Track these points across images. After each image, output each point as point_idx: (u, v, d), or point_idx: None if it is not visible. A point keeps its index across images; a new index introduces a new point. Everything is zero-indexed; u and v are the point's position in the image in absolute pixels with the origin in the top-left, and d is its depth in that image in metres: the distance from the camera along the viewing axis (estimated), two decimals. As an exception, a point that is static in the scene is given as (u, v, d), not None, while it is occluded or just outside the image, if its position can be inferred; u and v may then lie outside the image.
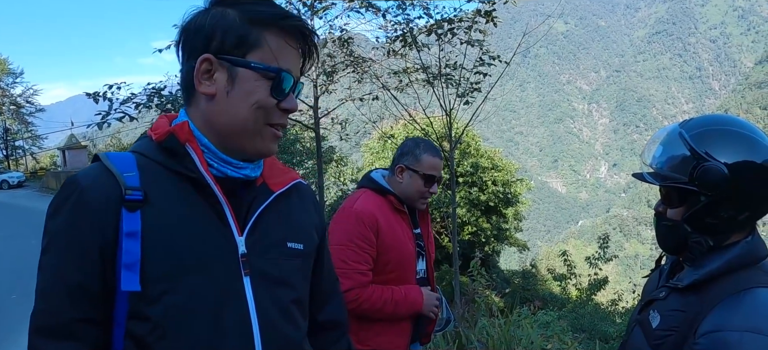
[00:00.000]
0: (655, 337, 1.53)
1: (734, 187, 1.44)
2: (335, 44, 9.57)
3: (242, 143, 1.32)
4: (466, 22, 8.56)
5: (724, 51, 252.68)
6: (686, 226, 1.54)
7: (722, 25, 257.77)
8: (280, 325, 1.34)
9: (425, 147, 2.76)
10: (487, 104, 9.64)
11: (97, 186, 1.23)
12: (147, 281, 1.19)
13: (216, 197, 1.29)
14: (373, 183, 2.78)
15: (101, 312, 1.22)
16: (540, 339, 5.86)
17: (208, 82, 1.29)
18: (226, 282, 1.27)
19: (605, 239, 15.05)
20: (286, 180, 1.47)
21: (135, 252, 1.19)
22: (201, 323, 1.23)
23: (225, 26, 1.28)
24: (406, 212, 2.77)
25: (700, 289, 1.49)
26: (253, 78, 1.28)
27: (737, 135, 1.48)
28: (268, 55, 1.29)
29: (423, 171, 2.71)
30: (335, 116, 10.95)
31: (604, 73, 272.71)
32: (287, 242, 1.41)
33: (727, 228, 1.51)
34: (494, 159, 23.82)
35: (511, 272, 27.75)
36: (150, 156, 1.30)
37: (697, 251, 1.54)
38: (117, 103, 8.08)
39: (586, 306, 13.17)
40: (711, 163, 1.45)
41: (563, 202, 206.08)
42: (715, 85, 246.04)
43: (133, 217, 1.21)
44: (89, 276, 1.21)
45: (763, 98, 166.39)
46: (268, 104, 1.30)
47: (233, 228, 1.31)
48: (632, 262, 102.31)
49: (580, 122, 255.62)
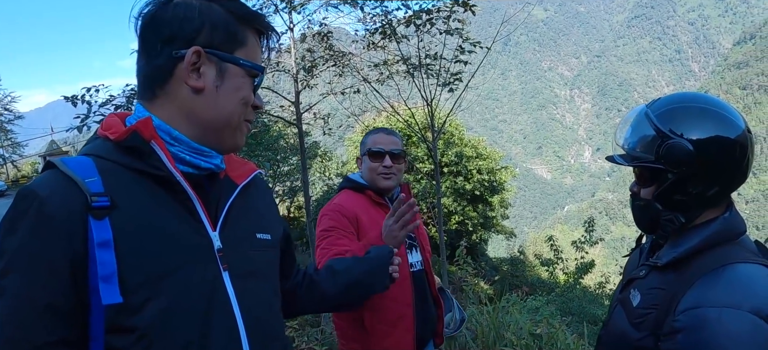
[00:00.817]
0: (635, 316, 1.54)
1: (700, 162, 1.45)
2: (314, 39, 9.52)
3: (223, 137, 1.32)
4: (445, 12, 8.55)
5: (703, 33, 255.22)
6: (657, 204, 1.55)
7: (700, 7, 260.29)
8: (262, 316, 1.34)
9: (371, 132, 2.83)
10: (469, 92, 9.64)
11: (58, 195, 1.13)
12: (127, 290, 1.12)
13: (186, 194, 1.25)
14: (350, 182, 2.82)
15: (75, 331, 1.13)
16: (529, 324, 5.89)
17: (196, 76, 1.25)
18: (207, 279, 1.24)
19: (590, 223, 15.16)
20: (247, 172, 1.46)
21: (110, 262, 1.11)
22: (189, 324, 1.19)
23: (214, 20, 1.27)
24: (385, 203, 2.76)
25: (679, 266, 1.49)
26: (240, 75, 1.30)
27: (702, 111, 1.48)
28: (251, 53, 1.32)
29: (372, 148, 2.74)
30: (317, 111, 10.90)
31: (585, 59, 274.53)
32: (256, 233, 1.40)
33: (698, 204, 1.52)
34: (478, 148, 23.86)
35: (500, 259, 27.89)
36: (110, 158, 1.22)
37: (668, 228, 1.56)
38: (96, 106, 7.99)
39: (573, 289, 13.25)
40: (675, 140, 1.46)
41: (549, 188, 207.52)
42: (695, 67, 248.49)
43: (102, 225, 1.12)
44: (59, 295, 1.11)
45: (742, 78, 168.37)
46: (250, 101, 1.33)
47: (206, 224, 1.28)
48: (619, 245, 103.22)
49: (562, 108, 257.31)
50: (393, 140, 2.79)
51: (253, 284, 1.33)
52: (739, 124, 1.47)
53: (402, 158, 2.79)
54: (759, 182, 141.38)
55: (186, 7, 1.26)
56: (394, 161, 2.75)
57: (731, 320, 1.31)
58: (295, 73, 9.37)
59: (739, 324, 1.31)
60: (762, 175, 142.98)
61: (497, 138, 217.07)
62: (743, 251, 1.47)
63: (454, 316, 2.86)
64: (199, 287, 1.21)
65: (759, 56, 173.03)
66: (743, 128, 1.47)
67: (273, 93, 10.74)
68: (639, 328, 1.51)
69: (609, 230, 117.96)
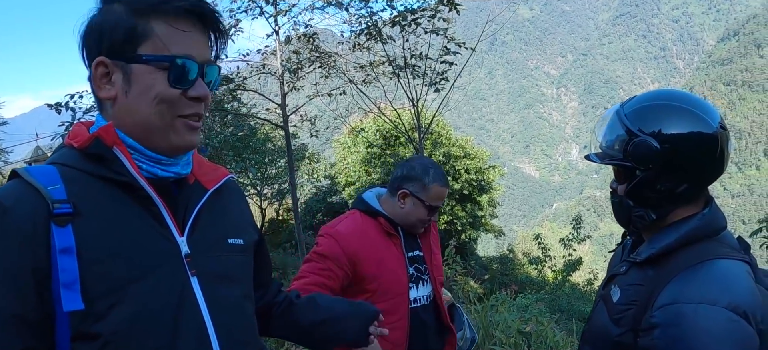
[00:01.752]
0: (615, 311, 1.54)
1: (666, 160, 1.47)
2: (300, 41, 9.51)
3: (156, 141, 1.25)
4: (430, 12, 8.57)
5: (687, 30, 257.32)
6: (629, 201, 1.58)
7: (684, 5, 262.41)
8: (233, 322, 1.30)
9: (435, 175, 2.48)
10: (456, 92, 9.68)
11: (21, 204, 1.12)
12: (91, 297, 1.11)
13: (151, 199, 1.23)
14: (363, 204, 2.54)
15: (43, 339, 1.12)
16: (518, 322, 5.91)
17: (108, 86, 1.23)
18: (175, 284, 1.21)
19: (578, 221, 15.23)
20: (218, 177, 1.42)
21: (72, 269, 1.10)
22: (156, 331, 1.16)
23: (111, 23, 1.21)
24: (397, 235, 2.52)
25: (658, 262, 1.50)
26: (147, 72, 1.21)
27: (670, 108, 1.49)
28: (158, 45, 1.21)
29: (429, 202, 2.46)
30: (304, 113, 10.89)
31: (571, 57, 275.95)
32: (227, 238, 1.37)
33: (667, 201, 1.53)
34: (466, 147, 23.89)
35: (489, 258, 27.91)
36: (74, 165, 1.22)
37: (640, 224, 1.58)
38: (80, 112, 7.93)
39: (562, 287, 13.31)
40: (641, 138, 1.48)
41: (537, 186, 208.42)
42: (680, 64, 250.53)
43: (64, 232, 1.11)
44: (24, 304, 1.09)
45: (726, 75, 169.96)
46: (170, 96, 1.22)
47: (173, 229, 1.25)
48: (607, 241, 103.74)
49: (549, 107, 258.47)
50: (446, 192, 2.57)
51: (224, 289, 1.30)
52: (710, 120, 1.47)
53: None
54: (745, 176, 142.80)
55: (94, 18, 1.24)
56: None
57: (707, 316, 1.32)
58: (281, 76, 9.36)
59: (716, 320, 1.31)
60: (747, 170, 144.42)
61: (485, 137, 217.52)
62: (722, 248, 1.47)
63: (465, 335, 2.69)
64: (166, 293, 1.19)
65: (742, 53, 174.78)
66: (714, 124, 1.47)
67: (259, 95, 10.73)
68: (619, 324, 1.51)
69: (597, 227, 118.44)
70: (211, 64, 1.29)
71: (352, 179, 22.53)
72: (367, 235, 2.43)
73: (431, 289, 2.59)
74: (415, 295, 2.51)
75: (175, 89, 1.22)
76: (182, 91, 1.23)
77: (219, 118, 10.94)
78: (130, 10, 1.21)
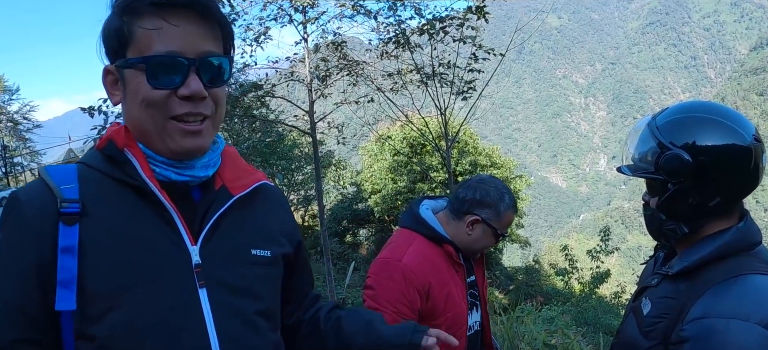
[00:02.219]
0: (646, 324, 1.52)
1: (697, 174, 1.45)
2: (328, 48, 9.56)
3: (155, 145, 1.21)
4: (458, 20, 8.55)
5: (719, 39, 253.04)
6: (661, 214, 1.57)
7: (715, 13, 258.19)
8: (244, 339, 1.23)
9: (509, 202, 2.25)
10: (483, 101, 9.63)
11: (34, 201, 1.15)
12: (86, 298, 1.10)
13: (162, 205, 1.19)
14: (425, 228, 2.24)
15: (45, 333, 1.13)
16: (544, 334, 5.86)
17: (117, 92, 1.23)
18: (178, 295, 1.17)
19: (606, 232, 15.05)
20: (249, 182, 1.33)
21: (70, 268, 1.10)
22: (151, 340, 1.13)
23: (108, 30, 1.20)
24: (462, 265, 2.29)
25: (691, 276, 1.48)
26: (133, 76, 1.17)
27: (702, 121, 1.47)
28: (141, 45, 1.15)
29: (501, 230, 2.25)
30: (331, 120, 10.94)
31: (600, 66, 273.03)
32: (251, 249, 1.30)
33: (699, 215, 1.51)
34: (493, 157, 23.78)
35: (515, 268, 27.71)
36: (93, 166, 1.22)
37: (672, 238, 1.57)
38: (112, 116, 8.06)
39: (589, 299, 13.16)
40: (672, 151, 1.46)
41: (564, 196, 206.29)
42: (711, 74, 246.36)
43: (70, 231, 1.12)
44: (27, 297, 1.12)
45: (759, 84, 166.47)
46: (155, 98, 1.16)
47: (185, 237, 1.20)
48: (635, 254, 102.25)
49: (577, 116, 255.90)
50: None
51: (237, 303, 1.23)
52: (743, 133, 1.44)
53: None
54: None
55: (103, 26, 1.23)
56: None
57: (739, 331, 1.30)
58: (310, 83, 9.41)
59: (747, 336, 1.29)
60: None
61: (512, 147, 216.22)
62: (756, 262, 1.45)
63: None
64: (167, 303, 1.15)
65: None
66: (748, 137, 1.44)
67: (287, 102, 10.80)
68: (649, 337, 1.50)
69: (625, 239, 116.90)
70: (211, 55, 1.20)
71: (378, 187, 22.55)
72: (434, 265, 2.18)
73: (480, 316, 2.43)
74: (470, 322, 2.33)
75: (160, 90, 1.16)
76: (171, 90, 1.16)
77: (247, 124, 11.05)
78: (117, 13, 1.17)
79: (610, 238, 15.09)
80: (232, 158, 1.37)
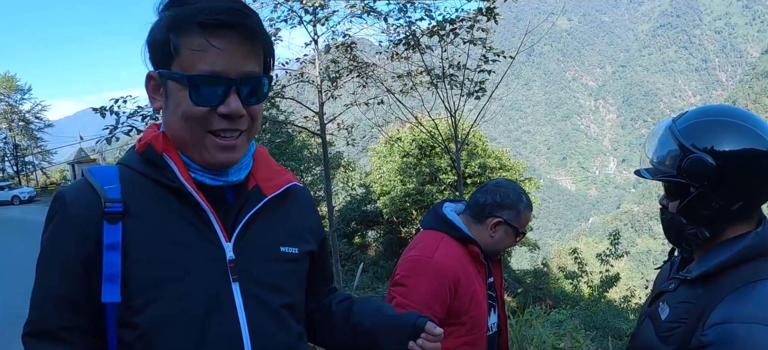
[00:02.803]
0: (663, 329, 1.52)
1: (722, 177, 1.44)
2: (339, 50, 9.58)
3: (191, 155, 1.28)
4: (468, 22, 8.55)
5: (730, 42, 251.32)
6: (681, 218, 1.55)
7: (727, 16, 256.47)
8: (271, 330, 1.31)
9: (526, 202, 2.36)
10: (492, 103, 9.63)
11: (80, 200, 1.24)
12: (130, 291, 1.19)
13: (199, 205, 1.26)
14: (452, 228, 2.31)
15: (88, 321, 1.23)
16: (552, 337, 5.85)
17: (158, 97, 1.29)
18: (213, 288, 1.25)
19: (615, 236, 14.99)
20: (280, 183, 1.41)
21: (115, 264, 1.19)
22: (186, 331, 1.22)
23: (154, 37, 1.25)
24: (485, 265, 2.37)
25: (709, 280, 1.47)
26: (176, 89, 1.22)
27: (725, 125, 1.46)
28: (186, 61, 1.20)
29: (521, 229, 2.36)
30: (341, 122, 10.97)
31: (610, 69, 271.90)
32: (280, 246, 1.38)
33: (722, 219, 1.50)
34: (502, 159, 23.77)
35: (523, 271, 27.66)
36: (134, 167, 1.30)
37: (693, 242, 1.55)
38: (124, 116, 8.12)
39: (598, 303, 13.11)
40: (696, 155, 1.45)
41: (573, 200, 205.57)
42: (722, 77, 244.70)
43: (114, 229, 1.20)
44: (72, 289, 1.22)
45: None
46: (195, 114, 1.22)
47: (220, 235, 1.28)
48: (644, 258, 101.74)
49: (587, 119, 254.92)
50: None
51: (267, 297, 1.32)
52: (766, 137, 1.43)
53: None
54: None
55: (150, 29, 1.27)
56: None
57: (761, 336, 1.29)
58: (320, 84, 9.44)
59: None
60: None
61: (521, 149, 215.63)
62: None
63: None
64: (201, 295, 1.23)
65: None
66: None
67: (297, 103, 10.83)
68: (666, 342, 1.49)
69: (634, 242, 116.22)
70: (251, 75, 1.24)
71: (387, 189, 22.58)
72: (462, 263, 2.24)
73: (498, 316, 2.49)
74: (489, 323, 2.39)
75: (201, 107, 1.21)
76: (211, 107, 1.22)
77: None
78: (167, 24, 1.22)
79: (620, 242, 15.02)
80: (264, 158, 1.45)
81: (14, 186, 41.94)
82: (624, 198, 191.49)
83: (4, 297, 13.54)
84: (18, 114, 52.34)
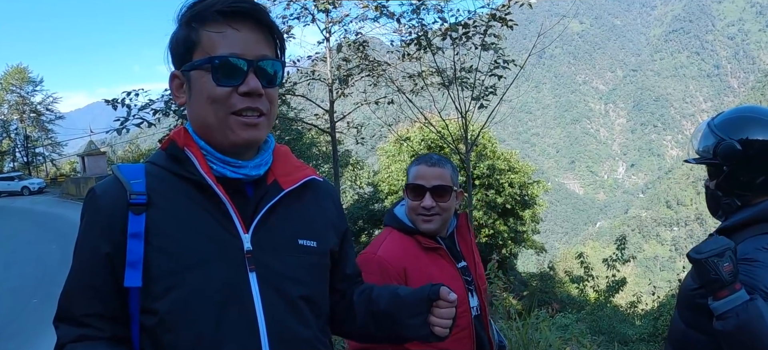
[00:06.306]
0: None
1: (745, 157, 1.92)
2: (350, 48, 9.61)
3: (217, 139, 1.36)
4: (481, 26, 8.55)
5: (743, 48, 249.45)
6: (718, 192, 2.03)
7: (740, 22, 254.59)
8: (287, 320, 1.36)
9: (418, 160, 2.39)
10: (502, 105, 9.63)
11: (108, 193, 1.34)
12: (151, 278, 1.27)
13: (219, 197, 1.33)
14: (395, 222, 2.38)
15: (113, 308, 1.31)
16: (558, 341, 5.84)
17: (182, 94, 1.40)
18: (231, 277, 1.31)
19: (622, 241, 14.91)
20: (298, 177, 1.48)
21: (138, 251, 1.27)
22: (204, 317, 1.28)
23: (175, 38, 1.38)
24: (441, 247, 2.33)
25: (733, 233, 1.91)
26: (199, 76, 1.33)
27: (749, 119, 1.96)
28: (207, 48, 1.32)
29: (409, 183, 2.33)
30: (351, 120, 11.00)
31: (621, 73, 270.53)
32: (298, 239, 1.43)
33: (749, 189, 1.96)
34: (511, 161, 23.72)
35: (529, 274, 27.58)
36: (158, 164, 1.39)
37: (727, 209, 2.02)
38: (135, 109, 8.19)
39: (604, 308, 13.06)
40: (727, 141, 1.95)
41: (581, 203, 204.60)
42: (734, 83, 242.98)
43: (138, 219, 1.29)
44: (99, 277, 1.31)
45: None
46: (219, 95, 1.32)
47: (238, 226, 1.35)
48: (651, 263, 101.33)
49: (596, 123, 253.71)
50: (437, 173, 2.31)
51: (282, 286, 1.37)
52: None
53: (449, 194, 2.31)
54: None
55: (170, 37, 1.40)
56: (438, 199, 2.28)
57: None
58: (330, 82, 9.47)
59: None
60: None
61: (529, 152, 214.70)
62: None
63: (495, 340, 2.53)
64: (219, 284, 1.30)
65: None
66: None
67: (307, 101, 10.86)
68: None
69: (641, 248, 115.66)
70: (267, 59, 1.36)
71: (396, 188, 22.57)
72: (408, 252, 2.27)
73: (478, 301, 2.42)
74: (472, 304, 2.34)
75: (223, 87, 1.32)
76: (233, 87, 1.32)
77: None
78: (184, 23, 1.35)
79: (627, 247, 14.95)
80: (284, 155, 1.53)
81: (24, 177, 42.23)
82: (632, 203, 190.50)
83: (13, 284, 13.67)
84: (29, 105, 52.68)
